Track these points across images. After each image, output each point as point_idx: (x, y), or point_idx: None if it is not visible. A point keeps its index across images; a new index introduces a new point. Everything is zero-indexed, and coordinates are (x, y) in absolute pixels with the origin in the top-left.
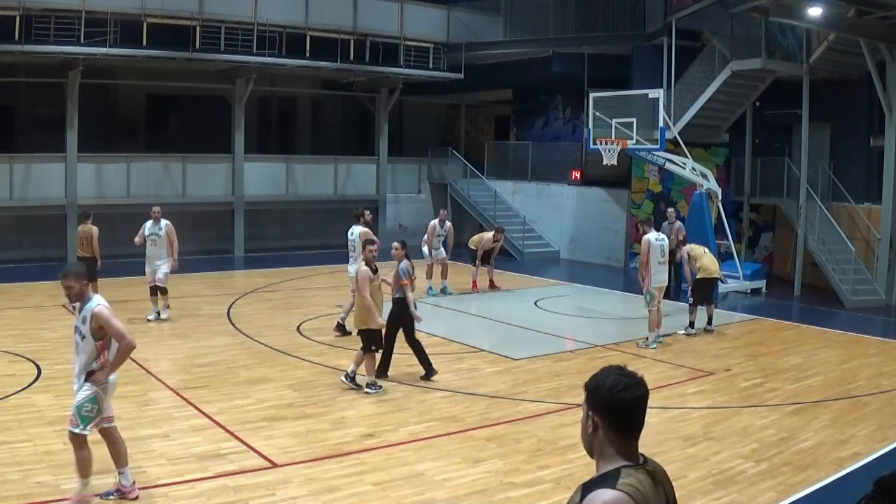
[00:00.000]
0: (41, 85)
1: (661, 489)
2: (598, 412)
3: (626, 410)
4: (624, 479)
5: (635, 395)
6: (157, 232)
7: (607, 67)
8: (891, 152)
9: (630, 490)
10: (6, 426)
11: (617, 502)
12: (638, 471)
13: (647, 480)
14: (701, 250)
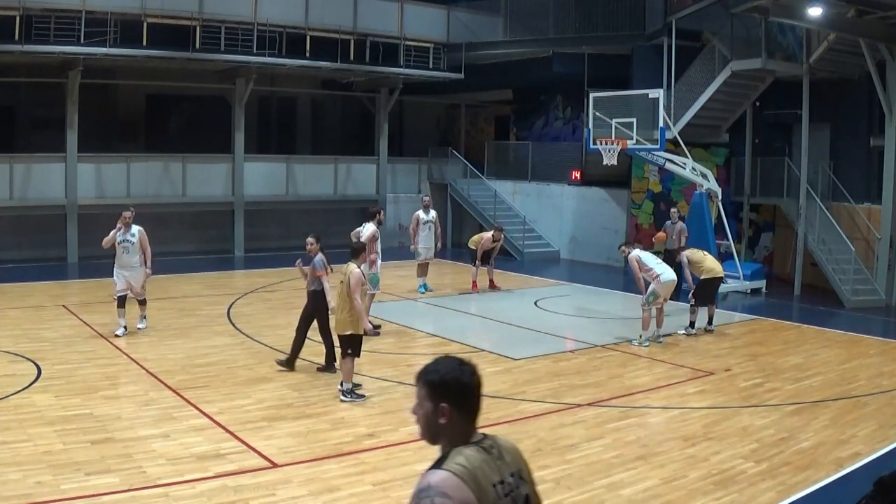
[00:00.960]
0: (41, 85)
1: (500, 463)
2: (449, 401)
3: (472, 393)
4: (454, 458)
5: (477, 379)
6: (130, 239)
7: (607, 67)
8: (891, 152)
9: (456, 468)
10: (6, 426)
11: (443, 481)
12: (469, 448)
13: (477, 456)
14: (701, 254)
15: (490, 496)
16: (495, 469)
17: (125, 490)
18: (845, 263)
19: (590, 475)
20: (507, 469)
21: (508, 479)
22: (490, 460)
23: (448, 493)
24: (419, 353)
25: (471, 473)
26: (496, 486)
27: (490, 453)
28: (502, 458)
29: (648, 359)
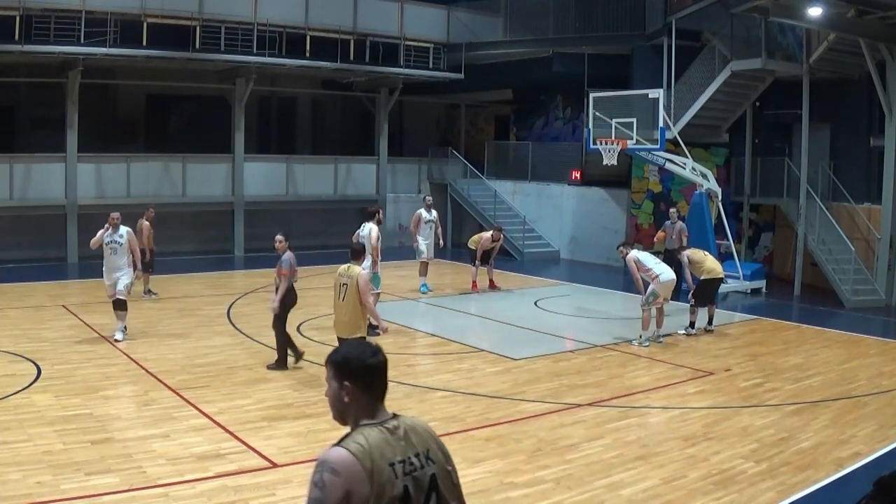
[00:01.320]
0: (41, 85)
1: (404, 443)
2: (351, 380)
3: (376, 374)
4: (354, 437)
5: (381, 361)
6: (117, 240)
7: (607, 67)
8: (891, 152)
9: (353, 447)
10: (6, 426)
11: (338, 458)
12: (372, 428)
13: (378, 436)
14: (701, 254)
15: (385, 474)
16: (397, 449)
17: (125, 490)
18: (845, 263)
19: (590, 475)
20: (411, 449)
21: (412, 459)
22: (392, 440)
23: (337, 471)
24: (419, 353)
25: (366, 452)
26: (394, 466)
27: (393, 433)
28: (407, 438)
29: (648, 359)
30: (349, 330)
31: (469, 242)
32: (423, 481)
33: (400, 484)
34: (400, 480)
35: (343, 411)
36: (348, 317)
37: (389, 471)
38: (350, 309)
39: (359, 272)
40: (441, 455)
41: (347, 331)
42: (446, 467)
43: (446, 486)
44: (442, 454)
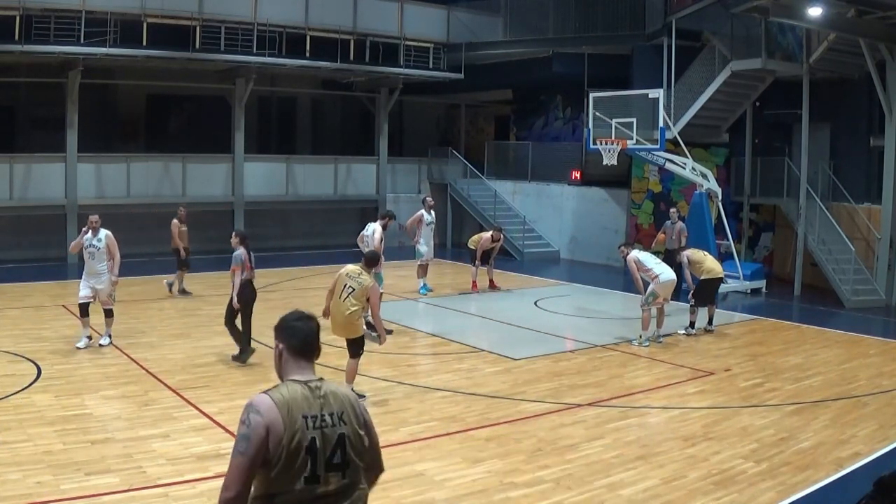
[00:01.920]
0: (41, 85)
1: (321, 402)
2: (283, 340)
3: (302, 336)
4: (279, 388)
5: (308, 325)
6: (96, 244)
7: (607, 67)
8: (891, 152)
9: (275, 395)
10: (6, 426)
11: (262, 402)
12: (297, 384)
13: (300, 391)
14: (701, 254)
15: (297, 424)
16: (314, 405)
17: (125, 490)
18: (845, 263)
19: (590, 475)
20: (327, 409)
21: (325, 416)
22: (311, 397)
23: (261, 412)
24: (419, 353)
25: (285, 401)
26: (307, 418)
27: (313, 392)
28: (325, 399)
29: (648, 359)
30: (346, 331)
31: (469, 242)
32: (331, 437)
33: (309, 435)
34: (310, 432)
35: (279, 369)
36: (343, 318)
37: (302, 422)
38: (347, 311)
39: (370, 284)
40: (355, 420)
41: (345, 331)
42: (359, 431)
43: (355, 447)
44: (356, 420)
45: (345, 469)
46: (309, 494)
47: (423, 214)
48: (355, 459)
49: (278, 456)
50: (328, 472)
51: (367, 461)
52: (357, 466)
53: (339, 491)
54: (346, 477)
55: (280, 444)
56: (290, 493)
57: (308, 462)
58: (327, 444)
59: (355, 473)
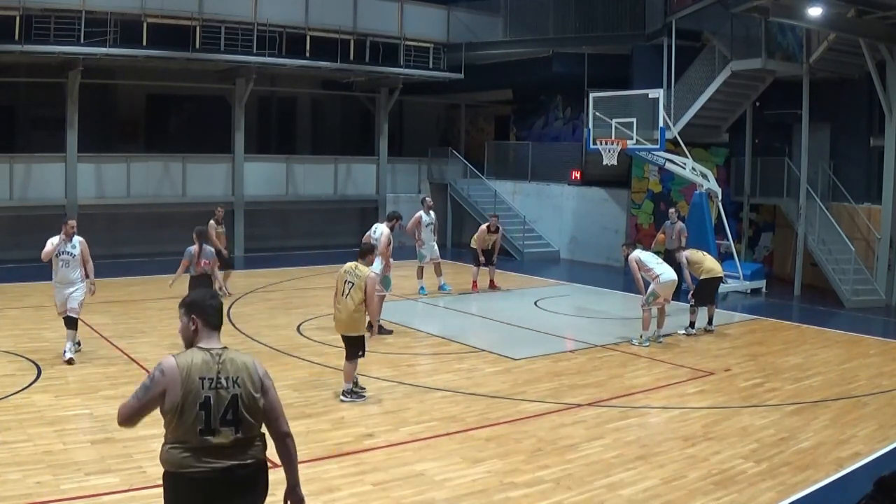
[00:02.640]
0: (41, 85)
1: (219, 367)
2: (197, 315)
3: (213, 312)
4: (183, 353)
5: (219, 303)
6: (70, 251)
7: (607, 67)
8: (891, 152)
9: (180, 359)
10: (6, 426)
11: (168, 363)
12: (202, 351)
13: (200, 356)
14: (700, 254)
15: (195, 384)
16: (212, 369)
17: (125, 490)
18: (845, 263)
19: (590, 475)
20: (223, 373)
21: (222, 380)
22: (211, 362)
23: (164, 371)
24: (419, 353)
25: (186, 364)
26: (203, 380)
27: (214, 358)
28: (223, 365)
29: (648, 359)
30: (349, 328)
31: (472, 242)
32: (224, 398)
33: (203, 394)
34: (204, 391)
35: (190, 339)
36: (347, 315)
37: (198, 383)
38: (351, 307)
39: (367, 274)
40: (250, 385)
41: (347, 328)
42: (253, 394)
43: (248, 407)
44: (252, 385)
45: (237, 425)
46: (206, 444)
47: (422, 215)
48: (248, 418)
49: (176, 408)
50: (222, 426)
51: (264, 421)
52: (251, 424)
53: (233, 444)
54: (240, 432)
55: (176, 399)
56: (190, 442)
57: (203, 417)
58: (220, 403)
59: (249, 430)
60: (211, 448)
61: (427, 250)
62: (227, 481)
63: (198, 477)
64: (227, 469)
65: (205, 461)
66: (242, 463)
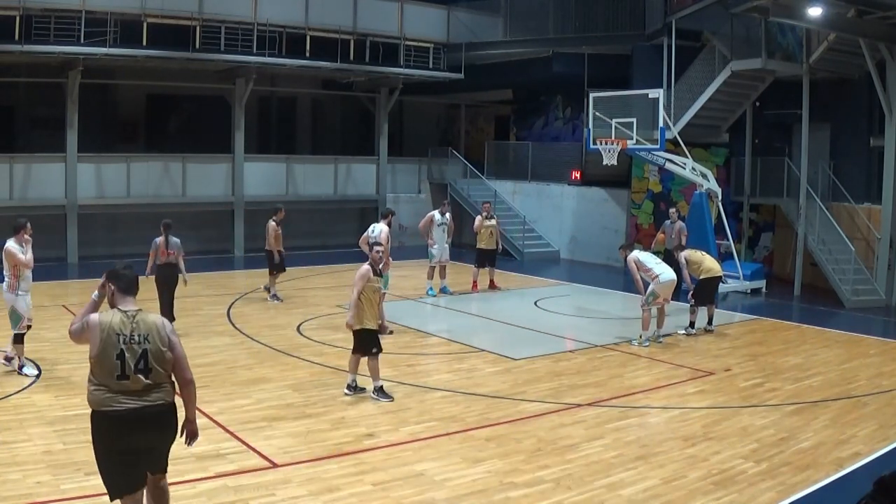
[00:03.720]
0: (41, 85)
1: (133, 325)
2: (113, 283)
3: (126, 280)
4: (108, 312)
5: (132, 273)
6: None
7: (607, 67)
8: (891, 152)
9: (103, 316)
10: (6, 426)
11: (93, 318)
12: (120, 312)
13: (118, 315)
14: (700, 254)
15: (113, 338)
16: (126, 327)
17: None
18: (845, 263)
19: (590, 475)
20: (136, 331)
21: (134, 335)
22: (126, 321)
23: (90, 324)
24: (419, 353)
25: (106, 321)
26: (119, 335)
27: (129, 318)
28: (137, 324)
29: (648, 359)
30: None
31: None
32: (136, 351)
33: (119, 347)
34: (119, 344)
35: (111, 302)
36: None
37: (115, 337)
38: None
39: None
40: (159, 341)
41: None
42: (161, 348)
43: (157, 359)
44: (160, 340)
45: (147, 373)
46: (123, 388)
47: (435, 215)
48: (157, 367)
49: (96, 357)
50: (135, 374)
51: (171, 370)
52: (159, 372)
53: (143, 388)
54: (149, 379)
55: (96, 350)
56: (111, 385)
57: (119, 365)
58: (133, 355)
59: (157, 377)
60: (128, 391)
61: (437, 251)
62: (139, 418)
63: (114, 414)
64: (139, 408)
65: (121, 401)
66: (152, 404)
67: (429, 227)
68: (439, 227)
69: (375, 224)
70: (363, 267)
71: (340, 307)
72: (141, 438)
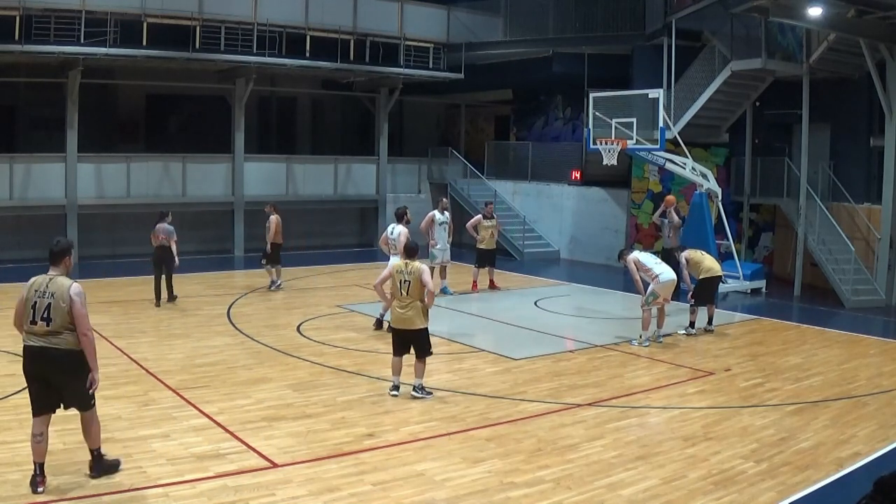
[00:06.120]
0: (41, 85)
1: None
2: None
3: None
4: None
5: (58, 246)
6: None
7: (607, 67)
8: (891, 152)
9: (34, 278)
10: (6, 426)
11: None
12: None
13: (41, 277)
14: (699, 254)
15: (32, 291)
16: (42, 285)
17: (125, 490)
18: (845, 263)
19: (590, 475)
20: (50, 288)
21: (47, 292)
22: (46, 282)
23: (27, 284)
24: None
25: (33, 281)
26: (36, 290)
27: (48, 279)
28: (52, 283)
29: (648, 359)
30: (412, 323)
31: (477, 243)
32: (44, 301)
33: (34, 298)
34: (34, 296)
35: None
36: (413, 311)
37: (33, 292)
38: (414, 303)
39: (419, 266)
40: (60, 295)
41: (410, 323)
42: (60, 303)
43: (57, 311)
44: (62, 295)
45: (49, 321)
46: (31, 330)
47: (435, 214)
48: (56, 318)
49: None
50: (40, 320)
51: (71, 320)
52: (58, 322)
53: (45, 332)
54: (49, 326)
55: (22, 300)
56: (27, 327)
57: (31, 313)
58: (42, 306)
59: (57, 325)
60: (36, 332)
61: (439, 252)
62: (43, 356)
63: (28, 350)
64: (42, 347)
65: (32, 340)
66: (54, 346)
67: (430, 227)
68: (441, 227)
69: (393, 224)
70: (425, 267)
71: (340, 307)
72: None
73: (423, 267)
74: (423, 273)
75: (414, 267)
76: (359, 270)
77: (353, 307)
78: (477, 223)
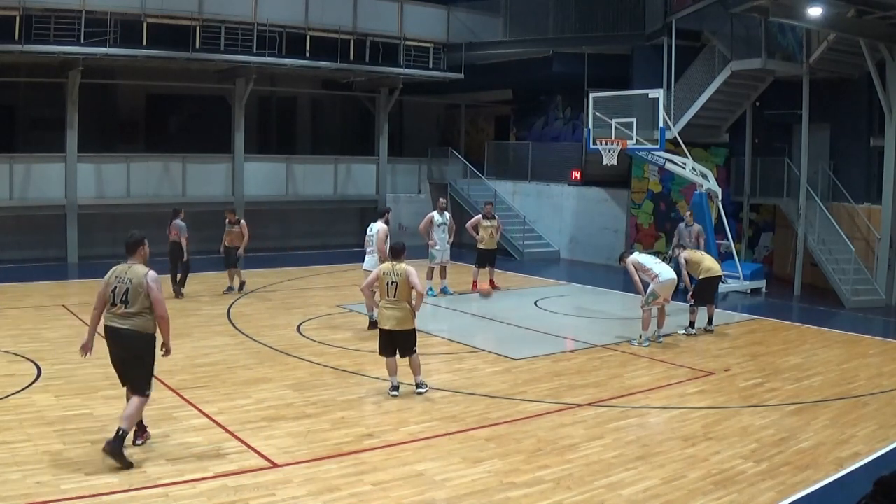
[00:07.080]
0: (41, 85)
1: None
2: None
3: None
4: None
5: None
6: None
7: (607, 67)
8: (891, 152)
9: (114, 267)
10: (6, 426)
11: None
12: (123, 264)
13: (123, 266)
14: (699, 254)
15: (113, 277)
16: (122, 272)
17: (125, 490)
18: (845, 263)
19: (590, 475)
20: (128, 276)
21: (125, 279)
22: (126, 270)
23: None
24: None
25: (114, 269)
26: (118, 277)
27: (128, 267)
28: (129, 271)
29: (648, 359)
30: (402, 324)
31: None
32: (123, 287)
33: (114, 283)
34: (115, 282)
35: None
36: (402, 312)
37: (114, 278)
38: (403, 305)
39: (406, 268)
40: (137, 282)
41: (398, 324)
42: (138, 288)
43: (135, 294)
44: (138, 282)
45: (126, 304)
46: (113, 311)
47: (434, 215)
48: (133, 301)
49: (105, 290)
50: (121, 303)
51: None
52: (135, 305)
53: (122, 314)
54: (129, 308)
55: (106, 286)
56: (108, 310)
57: (112, 296)
58: (122, 289)
59: (134, 308)
60: (116, 314)
61: (438, 252)
62: (117, 335)
63: (107, 330)
64: (117, 328)
65: (112, 321)
66: (127, 328)
67: (429, 228)
68: (440, 227)
69: (373, 223)
70: (412, 269)
71: (340, 307)
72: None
73: (410, 269)
74: (410, 275)
75: (401, 269)
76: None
77: (353, 307)
78: (477, 223)
